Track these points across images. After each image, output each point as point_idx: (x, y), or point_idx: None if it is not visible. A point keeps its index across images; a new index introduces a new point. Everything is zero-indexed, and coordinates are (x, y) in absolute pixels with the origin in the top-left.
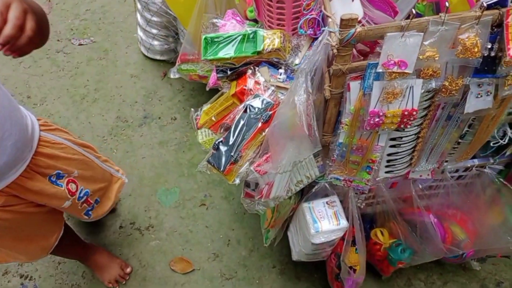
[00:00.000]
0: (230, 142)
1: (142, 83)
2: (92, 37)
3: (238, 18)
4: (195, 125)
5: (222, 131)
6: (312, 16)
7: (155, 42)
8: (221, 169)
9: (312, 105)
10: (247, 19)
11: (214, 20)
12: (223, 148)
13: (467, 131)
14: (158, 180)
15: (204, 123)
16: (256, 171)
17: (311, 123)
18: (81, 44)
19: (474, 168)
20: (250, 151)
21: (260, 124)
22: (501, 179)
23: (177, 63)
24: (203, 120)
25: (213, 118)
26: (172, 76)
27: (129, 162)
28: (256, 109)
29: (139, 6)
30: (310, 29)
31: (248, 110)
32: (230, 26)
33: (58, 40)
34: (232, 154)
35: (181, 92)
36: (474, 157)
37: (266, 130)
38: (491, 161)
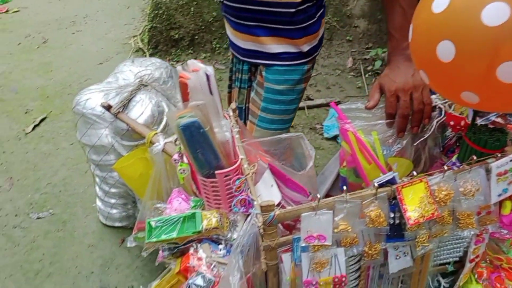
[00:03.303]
0: None
1: (99, 252)
2: (51, 209)
3: (183, 195)
4: None
5: None
6: (243, 197)
7: (114, 211)
8: None
9: (245, 285)
10: (194, 192)
11: (158, 205)
12: None
13: (402, 286)
14: None
15: None
16: None
17: None
18: (39, 218)
19: None
20: None
21: None
22: None
23: (133, 232)
24: None
25: None
26: (129, 245)
27: None
28: (199, 287)
29: (97, 180)
30: (243, 207)
31: None
32: (176, 203)
33: (16, 215)
34: None
35: (139, 258)
36: None
37: None
38: None
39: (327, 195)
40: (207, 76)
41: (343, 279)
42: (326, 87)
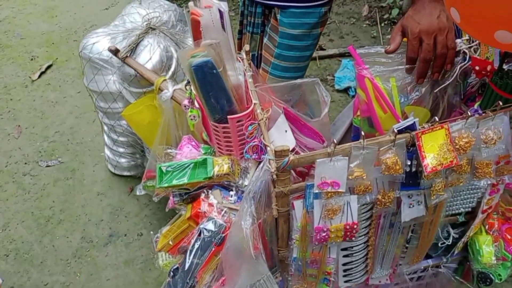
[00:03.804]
0: (186, 268)
1: (108, 200)
2: (60, 157)
3: (193, 143)
4: (154, 248)
5: (180, 254)
6: (255, 143)
7: (122, 160)
8: None
9: (257, 229)
10: (204, 140)
11: (168, 151)
12: (179, 275)
13: (412, 235)
14: None
15: (162, 247)
16: None
17: (259, 246)
18: (49, 166)
19: (430, 268)
20: (206, 275)
21: (214, 247)
22: (458, 277)
23: (142, 180)
24: (161, 243)
25: (170, 242)
26: (138, 193)
27: (93, 285)
28: (210, 232)
29: (105, 128)
30: (255, 154)
31: (202, 233)
32: (186, 150)
33: (25, 163)
34: (187, 280)
35: (147, 206)
36: (429, 257)
37: (220, 253)
38: (444, 260)
39: None
40: (221, 13)
41: (355, 226)
42: (339, 37)
